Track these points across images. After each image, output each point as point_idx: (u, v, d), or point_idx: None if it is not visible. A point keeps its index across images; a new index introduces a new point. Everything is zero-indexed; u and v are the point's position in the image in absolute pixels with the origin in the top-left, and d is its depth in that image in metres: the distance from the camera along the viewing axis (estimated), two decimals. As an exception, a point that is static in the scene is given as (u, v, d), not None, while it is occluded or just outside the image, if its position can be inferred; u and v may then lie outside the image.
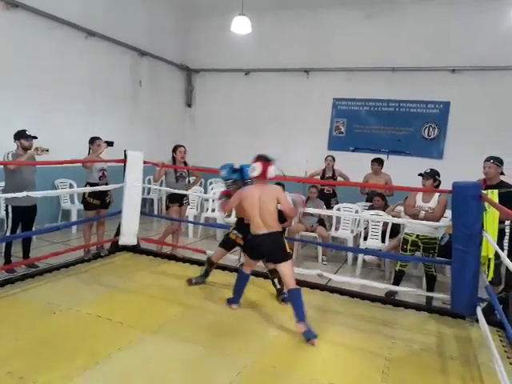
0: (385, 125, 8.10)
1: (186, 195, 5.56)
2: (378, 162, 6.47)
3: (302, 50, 8.47)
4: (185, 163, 5.61)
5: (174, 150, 5.56)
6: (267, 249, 3.65)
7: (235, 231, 4.27)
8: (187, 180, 5.62)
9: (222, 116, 9.33)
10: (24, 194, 4.13)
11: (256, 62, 8.84)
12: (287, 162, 8.40)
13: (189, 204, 5.92)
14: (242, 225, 4.15)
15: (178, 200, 5.49)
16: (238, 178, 4.07)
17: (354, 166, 6.99)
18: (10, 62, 5.72)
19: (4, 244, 4.70)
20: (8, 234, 4.62)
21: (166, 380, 2.78)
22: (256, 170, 3.51)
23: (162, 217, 5.78)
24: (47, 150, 4.54)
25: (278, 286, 4.19)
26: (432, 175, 4.48)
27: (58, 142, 6.26)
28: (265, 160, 3.54)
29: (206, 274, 4.53)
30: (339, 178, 6.77)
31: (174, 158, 5.56)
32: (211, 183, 8.15)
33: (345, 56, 8.13)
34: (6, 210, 4.57)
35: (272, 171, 3.54)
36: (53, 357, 2.92)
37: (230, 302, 3.95)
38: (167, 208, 5.62)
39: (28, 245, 4.84)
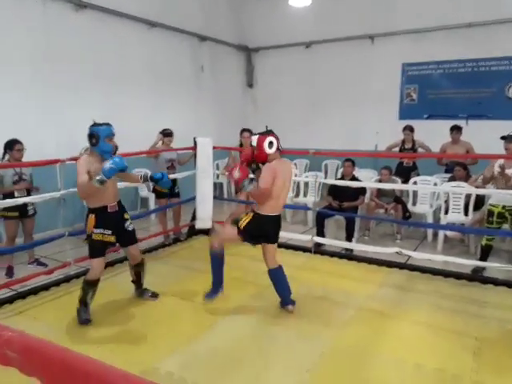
0: (462, 87, 7.43)
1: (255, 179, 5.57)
2: (457, 130, 6.00)
3: (365, 15, 7.96)
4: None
5: (241, 133, 5.58)
6: (274, 230, 3.46)
7: (97, 229, 3.27)
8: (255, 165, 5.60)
9: (284, 93, 9.14)
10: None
11: (316, 34, 8.49)
12: (355, 136, 8.25)
13: None
14: (104, 215, 3.28)
15: None
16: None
17: (429, 134, 6.56)
18: (79, 58, 5.99)
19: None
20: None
21: (250, 360, 2.86)
22: (273, 144, 3.27)
23: (233, 200, 5.89)
24: None
25: (141, 281, 3.81)
26: None
27: (130, 132, 6.55)
28: (271, 133, 3.33)
29: (90, 297, 3.36)
30: (420, 150, 6.38)
31: (240, 142, 5.58)
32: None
33: (412, 16, 7.51)
34: None
35: None
36: (141, 339, 3.12)
37: (211, 294, 3.52)
38: (236, 193, 5.72)
39: None
